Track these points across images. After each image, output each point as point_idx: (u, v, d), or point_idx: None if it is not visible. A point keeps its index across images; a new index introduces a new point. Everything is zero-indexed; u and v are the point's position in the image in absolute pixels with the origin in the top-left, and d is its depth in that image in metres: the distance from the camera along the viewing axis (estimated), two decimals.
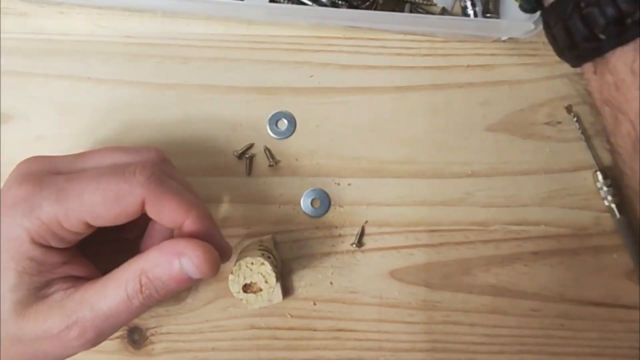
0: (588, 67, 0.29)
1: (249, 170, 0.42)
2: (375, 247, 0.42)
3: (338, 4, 0.42)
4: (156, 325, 0.41)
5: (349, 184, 0.42)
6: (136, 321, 0.41)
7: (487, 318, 0.42)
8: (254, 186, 0.42)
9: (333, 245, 0.42)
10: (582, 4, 0.26)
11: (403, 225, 0.42)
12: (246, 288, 0.35)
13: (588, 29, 0.26)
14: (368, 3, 0.43)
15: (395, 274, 0.42)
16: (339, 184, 0.42)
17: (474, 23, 0.42)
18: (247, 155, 0.42)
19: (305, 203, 0.42)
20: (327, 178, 0.43)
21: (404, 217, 0.42)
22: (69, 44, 0.43)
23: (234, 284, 0.35)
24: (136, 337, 0.41)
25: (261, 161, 0.42)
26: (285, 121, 0.43)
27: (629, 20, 0.25)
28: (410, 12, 0.44)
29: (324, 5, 0.42)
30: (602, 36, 0.26)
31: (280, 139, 0.43)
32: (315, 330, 0.42)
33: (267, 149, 0.42)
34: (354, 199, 0.42)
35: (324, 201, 0.42)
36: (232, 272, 0.35)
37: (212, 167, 0.42)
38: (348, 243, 0.42)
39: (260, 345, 0.41)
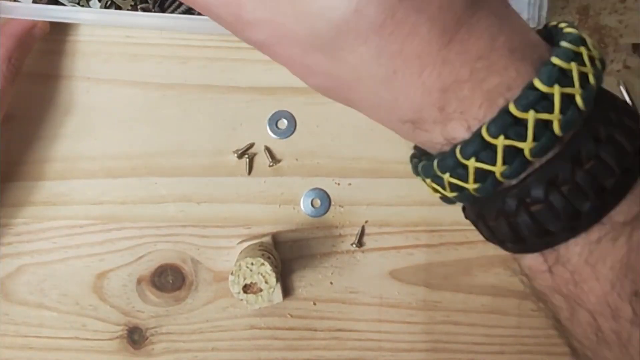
0: (534, 257, 0.26)
1: (249, 170, 0.42)
2: (375, 247, 0.42)
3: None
4: (156, 325, 0.41)
5: (349, 184, 0.42)
6: (136, 321, 0.41)
7: (487, 318, 0.42)
8: (254, 186, 0.42)
9: (333, 245, 0.42)
10: (528, 200, 0.24)
11: (403, 225, 0.42)
12: (246, 288, 0.35)
13: (538, 226, 0.24)
14: None
15: (395, 274, 0.42)
16: (339, 184, 0.42)
17: None
18: (247, 155, 0.42)
19: (305, 203, 0.42)
20: (327, 178, 0.42)
21: (404, 217, 0.42)
22: (69, 44, 0.43)
23: (234, 284, 0.35)
24: (136, 337, 0.41)
25: (261, 161, 0.42)
26: (285, 121, 0.43)
27: (582, 214, 0.23)
28: None
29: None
30: (552, 230, 0.24)
31: (280, 139, 0.43)
32: (315, 330, 0.42)
33: (267, 149, 0.42)
34: (354, 199, 0.42)
35: (324, 201, 0.42)
36: (232, 273, 0.35)
37: (212, 167, 0.42)
38: (348, 243, 0.42)
39: (260, 345, 0.41)
